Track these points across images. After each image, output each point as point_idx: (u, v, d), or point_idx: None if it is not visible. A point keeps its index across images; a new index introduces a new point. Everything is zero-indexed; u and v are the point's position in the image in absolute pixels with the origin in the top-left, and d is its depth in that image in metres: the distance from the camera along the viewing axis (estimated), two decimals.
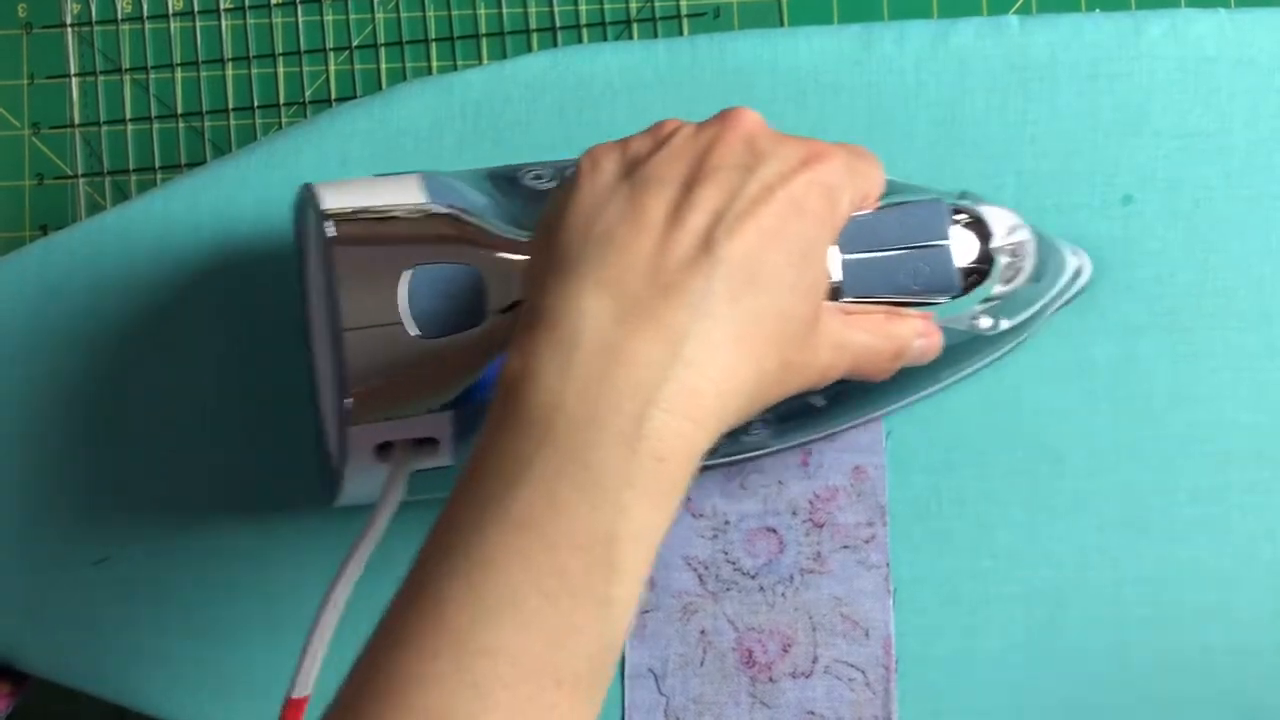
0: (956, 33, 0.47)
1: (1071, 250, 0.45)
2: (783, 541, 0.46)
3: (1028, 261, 0.41)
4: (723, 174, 0.33)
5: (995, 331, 0.41)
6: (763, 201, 0.32)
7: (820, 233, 0.34)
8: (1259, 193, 0.47)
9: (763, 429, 0.42)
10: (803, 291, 0.33)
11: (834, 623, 0.46)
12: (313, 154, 0.48)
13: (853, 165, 0.36)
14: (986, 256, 0.40)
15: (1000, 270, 0.40)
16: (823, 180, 0.34)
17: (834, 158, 0.35)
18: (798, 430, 0.44)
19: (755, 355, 0.32)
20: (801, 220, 0.33)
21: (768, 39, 0.47)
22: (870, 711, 0.45)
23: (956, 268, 0.38)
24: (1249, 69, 0.47)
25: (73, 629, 0.47)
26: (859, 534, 0.46)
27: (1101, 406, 0.46)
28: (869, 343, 0.37)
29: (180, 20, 0.56)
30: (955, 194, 0.41)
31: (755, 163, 0.33)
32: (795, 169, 0.33)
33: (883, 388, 0.40)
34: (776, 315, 0.32)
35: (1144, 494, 0.46)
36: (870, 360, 0.37)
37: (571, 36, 0.55)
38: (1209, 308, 0.47)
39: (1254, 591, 0.46)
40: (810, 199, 0.33)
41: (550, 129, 0.47)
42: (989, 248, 0.40)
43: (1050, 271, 0.43)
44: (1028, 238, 0.41)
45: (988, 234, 0.40)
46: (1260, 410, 0.46)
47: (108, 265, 0.48)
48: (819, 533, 0.46)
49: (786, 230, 0.33)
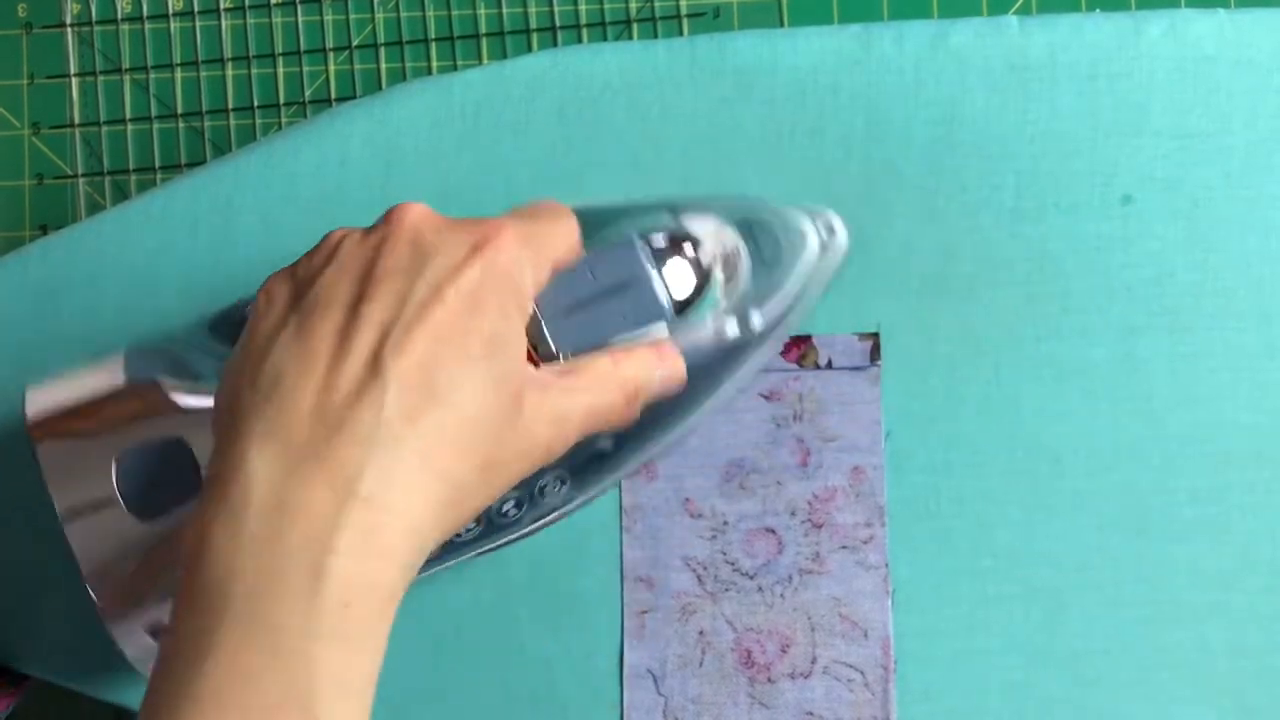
0: (956, 33, 0.47)
1: (812, 218, 0.43)
2: (781, 542, 0.46)
3: (741, 260, 0.40)
4: (388, 283, 0.31)
5: (753, 332, 0.40)
6: (432, 305, 0.31)
7: (503, 321, 0.32)
8: (1258, 193, 0.47)
9: (560, 485, 0.41)
10: (493, 386, 0.32)
11: (833, 623, 0.46)
12: (312, 154, 0.48)
13: (529, 235, 0.34)
14: (700, 267, 0.39)
15: (716, 276, 0.39)
16: (496, 264, 0.32)
17: (504, 235, 0.33)
18: (597, 477, 0.42)
19: (446, 470, 0.30)
20: (479, 314, 0.32)
21: (767, 39, 0.48)
22: (869, 712, 0.45)
23: (660, 293, 0.37)
24: (1248, 69, 0.47)
25: (71, 630, 0.47)
26: (858, 534, 0.46)
27: (1101, 406, 0.46)
28: (594, 400, 0.35)
29: (180, 20, 0.56)
30: (666, 206, 0.40)
31: (421, 263, 0.32)
32: (464, 260, 0.32)
33: (663, 417, 0.39)
34: (465, 421, 0.31)
35: (1144, 494, 0.46)
36: (603, 414, 0.35)
37: (571, 36, 0.55)
38: (1209, 308, 0.47)
39: (1253, 591, 0.46)
40: (485, 288, 0.32)
41: (550, 129, 0.47)
42: (698, 257, 0.39)
43: (786, 252, 0.42)
44: (732, 237, 0.40)
45: (695, 244, 0.39)
46: (1260, 410, 0.46)
47: (108, 265, 0.48)
48: (818, 533, 0.46)
49: (464, 328, 0.31)
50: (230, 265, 0.47)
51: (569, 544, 0.46)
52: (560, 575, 0.46)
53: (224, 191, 0.48)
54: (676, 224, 0.39)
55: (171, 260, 0.48)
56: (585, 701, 0.46)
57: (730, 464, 0.47)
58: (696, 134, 0.47)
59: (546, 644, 0.46)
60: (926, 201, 0.47)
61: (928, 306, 0.47)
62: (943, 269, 0.47)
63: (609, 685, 0.46)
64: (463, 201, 0.47)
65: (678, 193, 0.46)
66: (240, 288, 0.47)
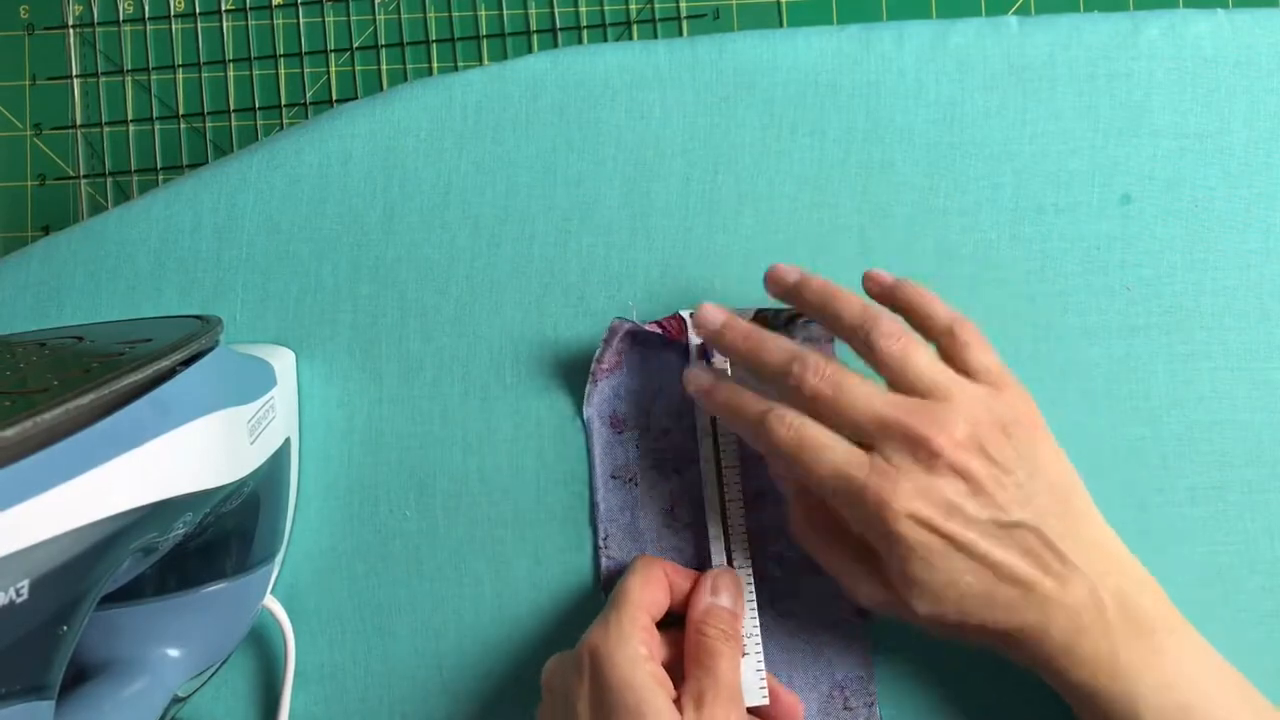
0: (956, 33, 0.47)
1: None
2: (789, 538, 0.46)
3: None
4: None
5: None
6: None
7: None
8: (1257, 192, 0.47)
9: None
10: None
11: (829, 619, 0.46)
12: (314, 155, 0.48)
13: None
14: None
15: None
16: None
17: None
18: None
19: None
20: None
21: (767, 40, 0.48)
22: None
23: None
24: (1247, 69, 0.47)
25: None
26: None
27: (1100, 406, 0.46)
28: None
29: (182, 22, 0.56)
30: None
31: None
32: None
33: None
34: None
35: (1143, 494, 0.46)
36: None
37: (571, 38, 0.55)
38: (1208, 307, 0.47)
39: (1253, 591, 0.46)
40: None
41: (550, 129, 0.48)
42: None
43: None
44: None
45: None
46: (1259, 410, 0.46)
47: (109, 265, 0.48)
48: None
49: None
50: (232, 265, 0.48)
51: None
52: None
53: (226, 192, 0.48)
54: None
55: (173, 261, 0.48)
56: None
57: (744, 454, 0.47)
58: (696, 134, 0.47)
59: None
60: (926, 201, 0.47)
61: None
62: (942, 269, 0.47)
63: None
64: (464, 201, 0.47)
65: None
66: (241, 289, 0.48)
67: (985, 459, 0.39)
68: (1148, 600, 0.39)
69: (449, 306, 0.47)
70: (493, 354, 0.47)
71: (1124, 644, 0.38)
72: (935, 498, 0.38)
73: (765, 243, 0.47)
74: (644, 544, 0.47)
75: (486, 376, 0.47)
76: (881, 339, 0.40)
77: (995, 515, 0.39)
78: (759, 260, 0.47)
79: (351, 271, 0.47)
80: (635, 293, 0.47)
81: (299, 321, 0.47)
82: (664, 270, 0.47)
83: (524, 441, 0.47)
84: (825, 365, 0.40)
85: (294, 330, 0.47)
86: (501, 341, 0.47)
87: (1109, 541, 0.40)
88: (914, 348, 0.40)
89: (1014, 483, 0.39)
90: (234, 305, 0.48)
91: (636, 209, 0.47)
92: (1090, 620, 0.39)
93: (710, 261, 0.47)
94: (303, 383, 0.47)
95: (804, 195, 0.47)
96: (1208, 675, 0.39)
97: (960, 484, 0.39)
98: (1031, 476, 0.39)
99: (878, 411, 0.39)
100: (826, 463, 0.39)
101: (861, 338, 0.41)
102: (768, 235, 0.47)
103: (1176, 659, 0.39)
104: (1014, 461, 0.39)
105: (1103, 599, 0.39)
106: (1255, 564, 0.46)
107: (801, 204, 0.47)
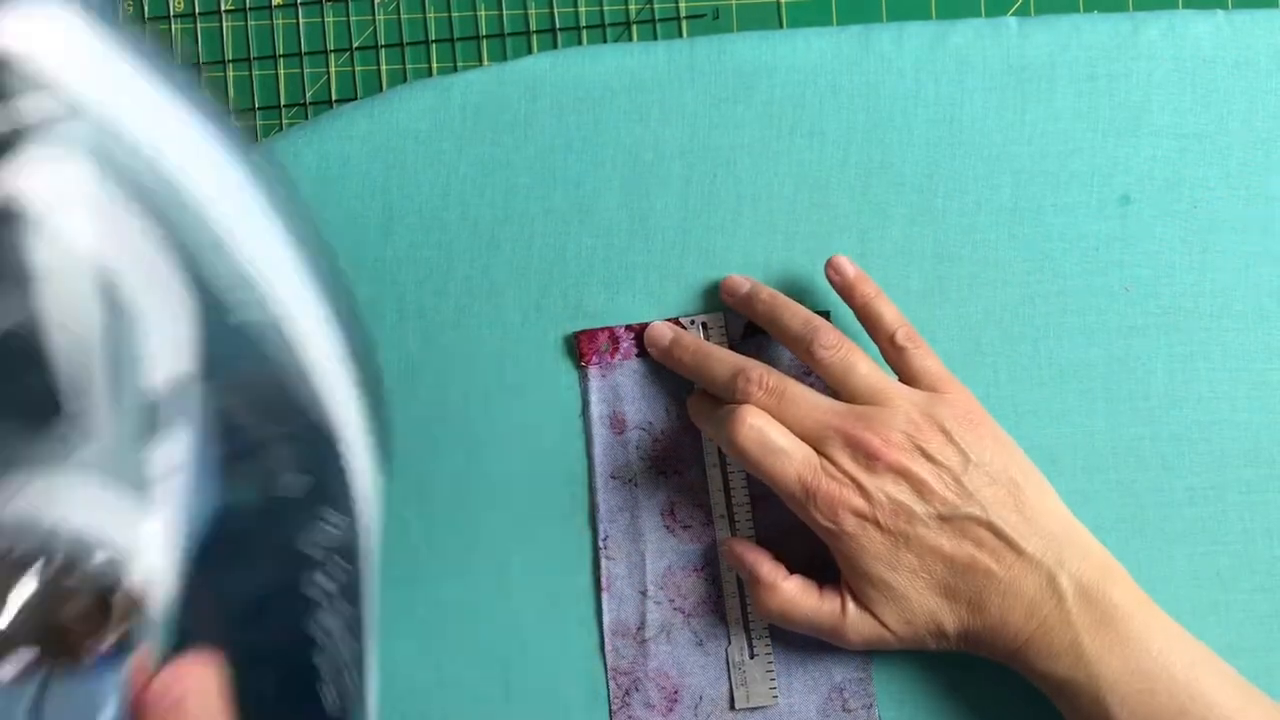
0: (955, 34, 0.47)
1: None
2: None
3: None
4: None
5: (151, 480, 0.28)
6: None
7: None
8: (1256, 193, 0.47)
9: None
10: None
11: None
12: (314, 155, 0.48)
13: None
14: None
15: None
16: None
17: None
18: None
19: None
20: None
21: (767, 40, 0.48)
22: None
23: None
24: (1246, 70, 0.47)
25: None
26: None
27: (1098, 407, 0.47)
28: None
29: (181, 22, 0.56)
30: None
31: None
32: None
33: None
34: None
35: (1142, 494, 0.46)
36: None
37: (571, 38, 0.55)
38: (1207, 308, 0.47)
39: (1251, 591, 0.46)
40: None
41: (550, 130, 0.48)
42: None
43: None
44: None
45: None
46: (1257, 410, 0.46)
47: None
48: None
49: None
50: None
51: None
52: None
53: None
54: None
55: None
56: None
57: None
58: (696, 135, 0.47)
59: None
60: (925, 202, 0.47)
61: (927, 307, 0.47)
62: (942, 269, 0.47)
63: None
64: (463, 202, 0.47)
65: None
66: None
67: (924, 458, 0.41)
68: (1111, 587, 0.40)
69: (448, 307, 0.47)
70: (493, 355, 0.47)
71: (1087, 632, 0.40)
72: (878, 498, 0.41)
73: (764, 244, 0.47)
74: (644, 544, 0.47)
75: (486, 377, 0.47)
76: (821, 350, 0.43)
77: (941, 511, 0.41)
78: (759, 261, 0.47)
79: (350, 273, 0.47)
80: (634, 294, 0.47)
81: None
82: (663, 271, 0.47)
83: (524, 442, 0.47)
84: (768, 377, 0.43)
85: None
86: (501, 342, 0.47)
87: (1070, 530, 0.41)
88: (854, 356, 0.43)
89: (955, 479, 0.41)
90: None
91: (636, 210, 0.47)
92: (1049, 611, 0.40)
93: (709, 263, 0.47)
94: None
95: (803, 196, 0.47)
96: (1175, 656, 0.39)
97: (903, 484, 0.41)
98: (977, 471, 0.41)
99: (819, 420, 0.42)
100: (788, 470, 0.41)
101: (804, 348, 0.43)
102: (767, 236, 0.47)
103: (1142, 644, 0.39)
104: (955, 459, 0.41)
105: (1062, 587, 0.40)
106: (1254, 564, 0.46)
107: (801, 205, 0.47)
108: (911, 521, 0.40)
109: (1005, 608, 0.40)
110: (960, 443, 0.41)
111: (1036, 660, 0.40)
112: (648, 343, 0.46)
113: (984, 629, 0.41)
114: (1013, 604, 0.40)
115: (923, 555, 0.41)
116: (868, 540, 0.41)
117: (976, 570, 0.40)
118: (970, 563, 0.40)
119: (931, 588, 0.41)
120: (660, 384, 0.47)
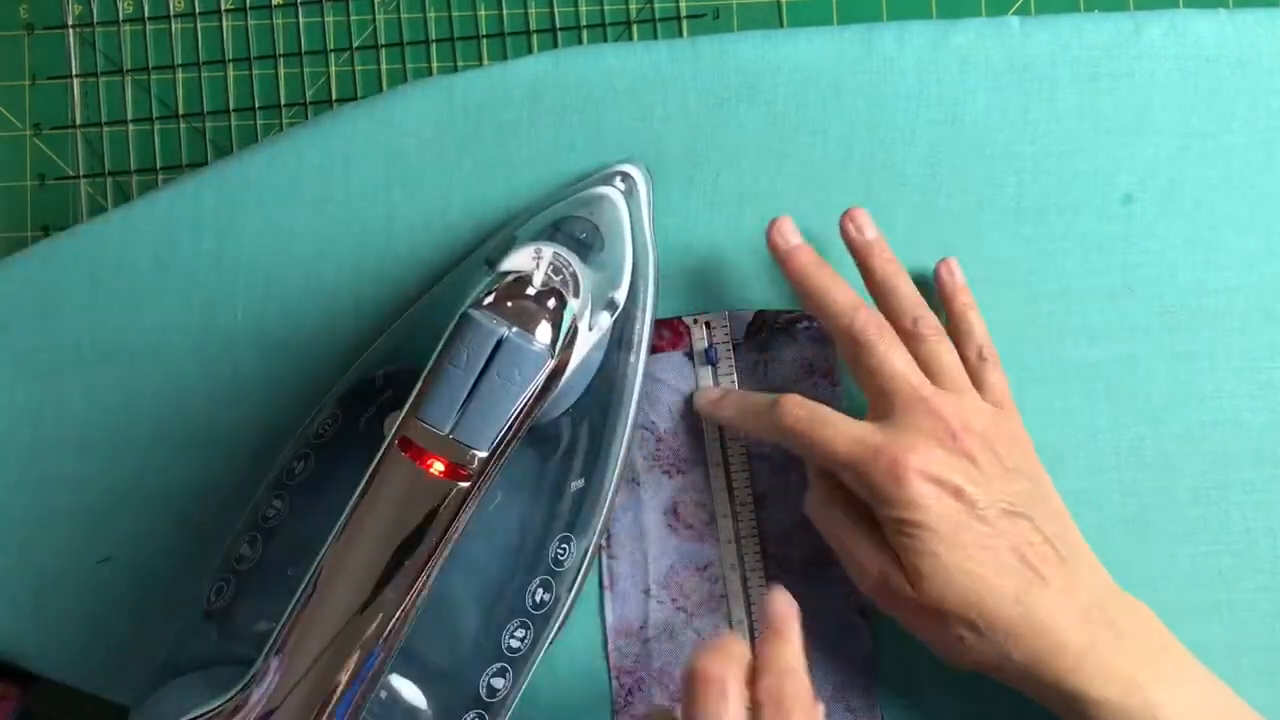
0: (957, 33, 0.47)
1: (607, 180, 0.44)
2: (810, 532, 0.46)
3: (573, 264, 0.38)
4: None
5: (618, 306, 0.40)
6: None
7: None
8: (1259, 192, 0.47)
9: (566, 545, 0.43)
10: None
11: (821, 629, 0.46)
12: (314, 155, 0.48)
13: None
14: (544, 301, 0.37)
15: (566, 295, 0.38)
16: None
17: None
18: (588, 515, 0.43)
19: None
20: None
21: (768, 40, 0.48)
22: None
23: (530, 343, 0.36)
24: (1248, 69, 0.47)
25: (78, 629, 0.47)
26: None
27: (1101, 406, 0.47)
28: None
29: (181, 21, 0.56)
30: (483, 264, 0.39)
31: None
32: None
33: (610, 413, 0.44)
34: None
35: (1144, 494, 0.46)
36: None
37: (572, 38, 0.55)
38: (1209, 308, 0.47)
39: (1253, 591, 0.46)
40: None
41: (550, 130, 0.47)
42: (540, 290, 0.37)
43: (605, 227, 0.42)
44: (550, 251, 0.38)
45: (526, 282, 0.37)
46: (1260, 410, 0.46)
47: (110, 266, 0.48)
48: None
49: None
50: (233, 266, 0.47)
51: None
52: None
53: (226, 192, 0.48)
54: (497, 275, 0.37)
55: (174, 261, 0.48)
56: None
57: (753, 454, 0.47)
58: (698, 135, 0.47)
59: None
60: (928, 202, 0.47)
61: (928, 307, 0.47)
62: None
63: None
64: (465, 201, 0.47)
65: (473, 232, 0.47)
66: (242, 289, 0.48)
67: (994, 455, 0.41)
68: (1145, 625, 0.41)
69: None
70: None
71: (1139, 663, 0.40)
72: (951, 464, 0.40)
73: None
74: (645, 544, 0.47)
75: None
76: (925, 329, 0.44)
77: (1001, 503, 0.40)
78: (761, 261, 0.47)
79: (354, 273, 0.47)
80: None
81: (300, 322, 0.47)
82: (665, 272, 0.47)
83: None
84: (877, 320, 0.43)
85: (295, 331, 0.47)
86: None
87: (1101, 572, 0.42)
88: (948, 344, 0.43)
89: (1017, 483, 0.41)
90: (234, 305, 0.48)
91: None
92: (1098, 634, 0.40)
93: (712, 262, 0.47)
94: None
95: (806, 196, 0.47)
96: (1220, 703, 0.40)
97: (972, 468, 0.40)
98: (1033, 486, 0.42)
99: (912, 381, 0.42)
100: (842, 433, 0.41)
101: (907, 327, 0.44)
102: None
103: (1195, 681, 0.40)
104: (1019, 467, 0.41)
105: (1111, 617, 0.40)
106: (1256, 564, 0.46)
107: (803, 204, 0.47)
108: (975, 506, 0.40)
109: (1053, 615, 0.39)
110: (1021, 461, 0.42)
111: (1081, 681, 0.39)
112: (698, 409, 0.47)
113: (1028, 630, 0.40)
114: (1060, 614, 0.40)
115: (983, 533, 0.40)
116: (930, 507, 0.40)
117: (1030, 564, 0.40)
118: (1026, 552, 0.40)
119: (982, 572, 0.40)
120: (663, 383, 0.47)
